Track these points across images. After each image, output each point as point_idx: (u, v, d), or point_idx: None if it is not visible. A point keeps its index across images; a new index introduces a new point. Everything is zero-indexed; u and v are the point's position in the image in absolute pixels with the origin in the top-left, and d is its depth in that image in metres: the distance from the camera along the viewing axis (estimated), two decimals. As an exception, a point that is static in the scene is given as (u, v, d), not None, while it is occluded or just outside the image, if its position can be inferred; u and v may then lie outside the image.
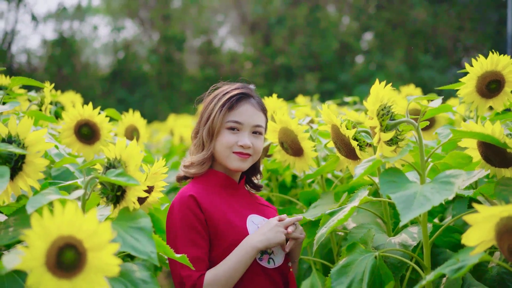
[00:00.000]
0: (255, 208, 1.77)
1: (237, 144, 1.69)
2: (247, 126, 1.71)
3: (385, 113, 1.40)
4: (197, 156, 1.74)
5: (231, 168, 1.71)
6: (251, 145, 1.70)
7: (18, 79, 1.79)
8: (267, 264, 1.65)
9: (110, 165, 1.33)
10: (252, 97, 1.76)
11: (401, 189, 1.29)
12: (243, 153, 1.69)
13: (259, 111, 1.75)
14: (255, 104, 1.75)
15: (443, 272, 1.14)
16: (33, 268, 0.93)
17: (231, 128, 1.70)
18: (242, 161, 1.70)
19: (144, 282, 1.23)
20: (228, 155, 1.70)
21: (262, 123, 1.75)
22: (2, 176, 1.20)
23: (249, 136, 1.71)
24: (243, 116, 1.71)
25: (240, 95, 1.74)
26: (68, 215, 0.96)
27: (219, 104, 1.72)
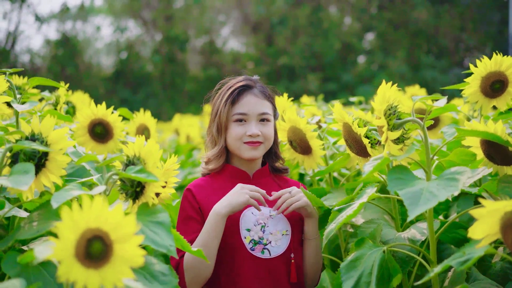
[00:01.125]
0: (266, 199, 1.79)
1: (246, 134, 1.78)
2: (253, 116, 1.79)
3: (392, 112, 1.45)
4: (211, 151, 1.85)
5: (245, 158, 1.79)
6: (260, 133, 1.78)
7: (36, 79, 1.85)
8: (260, 254, 1.71)
9: (129, 162, 1.38)
10: (254, 87, 1.83)
11: (408, 185, 1.34)
12: (253, 142, 1.78)
13: (262, 99, 1.81)
14: (258, 93, 1.82)
15: (450, 265, 1.19)
16: (63, 259, 0.98)
17: (238, 120, 1.79)
18: (254, 150, 1.78)
19: (163, 274, 1.28)
20: (239, 146, 1.79)
21: (268, 110, 1.81)
22: (27, 172, 1.26)
23: (256, 124, 1.78)
24: (247, 107, 1.79)
25: (241, 88, 1.82)
26: (96, 208, 1.01)
27: (223, 100, 1.82)
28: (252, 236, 1.72)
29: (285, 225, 1.76)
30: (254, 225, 1.74)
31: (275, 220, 1.75)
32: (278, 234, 1.74)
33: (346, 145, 1.80)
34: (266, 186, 1.83)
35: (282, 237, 1.74)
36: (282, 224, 1.76)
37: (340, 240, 2.06)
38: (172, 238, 1.29)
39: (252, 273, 1.70)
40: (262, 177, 1.86)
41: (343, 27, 17.64)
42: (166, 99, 16.50)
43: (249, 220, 1.74)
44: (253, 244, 1.71)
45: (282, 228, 1.75)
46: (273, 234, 1.74)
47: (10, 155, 1.35)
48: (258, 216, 1.75)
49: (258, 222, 1.74)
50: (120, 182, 1.40)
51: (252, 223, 1.74)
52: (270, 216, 1.76)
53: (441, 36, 16.09)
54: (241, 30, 18.86)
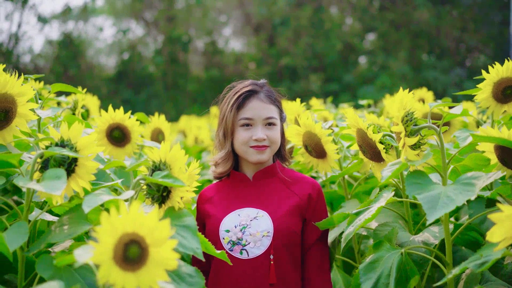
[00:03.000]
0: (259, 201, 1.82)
1: (252, 138, 1.81)
2: (259, 120, 1.82)
3: (409, 119, 1.50)
4: (219, 155, 1.90)
5: (252, 162, 1.84)
6: (266, 137, 1.81)
7: (57, 86, 1.89)
8: (239, 255, 1.74)
9: (155, 168, 1.43)
10: (260, 92, 1.86)
11: (426, 190, 1.39)
12: (259, 146, 1.81)
13: (268, 104, 1.85)
14: (264, 98, 1.85)
15: (468, 267, 1.23)
16: (102, 262, 1.03)
17: (244, 125, 1.83)
18: (260, 154, 1.82)
19: (190, 276, 1.33)
20: (246, 151, 1.83)
21: (274, 114, 1.85)
22: (59, 178, 1.30)
23: (262, 129, 1.82)
24: (253, 112, 1.83)
25: (247, 93, 1.85)
26: (132, 213, 1.06)
27: (229, 105, 1.86)
28: (231, 237, 1.76)
29: (267, 226, 1.76)
30: (234, 226, 1.77)
31: (258, 221, 1.76)
32: (258, 235, 1.75)
33: (360, 150, 1.85)
34: (268, 187, 1.86)
35: (263, 239, 1.74)
36: (264, 225, 1.76)
37: (354, 242, 2.11)
38: (198, 241, 1.34)
39: (231, 274, 1.74)
40: (263, 178, 1.88)
41: (344, 28, 17.68)
42: (168, 100, 16.54)
43: (232, 221, 1.79)
44: (231, 245, 1.76)
45: (263, 229, 1.75)
46: (252, 236, 1.75)
47: (41, 161, 1.39)
48: (242, 217, 1.78)
49: (240, 223, 1.77)
50: (146, 187, 1.44)
51: (234, 224, 1.78)
52: (255, 218, 1.77)
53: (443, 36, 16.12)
54: (243, 30, 18.91)
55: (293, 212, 1.80)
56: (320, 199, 1.86)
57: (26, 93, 1.54)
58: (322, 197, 1.87)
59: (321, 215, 1.85)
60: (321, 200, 1.87)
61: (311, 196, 1.84)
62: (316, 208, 1.84)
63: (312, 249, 1.83)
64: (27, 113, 1.57)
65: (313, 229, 1.83)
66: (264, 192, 1.85)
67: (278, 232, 1.76)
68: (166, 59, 17.56)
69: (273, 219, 1.77)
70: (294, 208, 1.81)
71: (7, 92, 1.51)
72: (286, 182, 1.87)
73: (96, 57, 19.47)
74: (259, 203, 1.82)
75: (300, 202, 1.82)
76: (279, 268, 1.75)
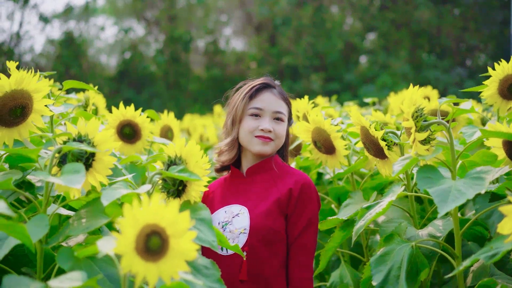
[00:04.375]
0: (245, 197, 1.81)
1: (259, 128, 1.81)
2: (268, 112, 1.83)
3: (419, 115, 1.53)
4: (224, 141, 1.89)
5: (254, 152, 1.82)
6: (272, 129, 1.81)
7: (69, 83, 1.92)
8: (221, 251, 1.76)
9: (171, 162, 1.46)
10: (274, 87, 1.89)
11: (437, 184, 1.42)
12: (264, 136, 1.81)
13: (280, 99, 1.86)
14: (276, 93, 1.87)
15: (479, 258, 1.26)
16: (125, 253, 1.05)
17: (252, 114, 1.83)
18: (264, 145, 1.81)
19: (206, 268, 1.36)
20: (250, 140, 1.82)
21: (283, 110, 1.85)
22: (78, 172, 1.33)
23: (270, 121, 1.82)
24: (264, 103, 1.84)
25: (261, 85, 1.88)
26: (154, 205, 1.08)
27: (242, 95, 1.88)
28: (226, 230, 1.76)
29: (245, 223, 1.74)
30: (218, 222, 1.78)
31: (239, 218, 1.76)
32: (236, 232, 1.74)
33: (364, 147, 1.88)
34: (257, 183, 1.83)
35: (240, 236, 1.73)
36: (242, 222, 1.75)
37: (362, 237, 2.14)
38: (214, 234, 1.37)
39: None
40: (257, 174, 1.85)
41: (345, 27, 17.71)
42: (170, 99, 16.57)
43: (218, 218, 1.79)
44: None
45: (241, 226, 1.74)
46: (231, 232, 1.74)
47: (59, 156, 1.42)
48: (227, 214, 1.79)
49: (224, 220, 1.78)
50: (162, 182, 1.47)
51: (218, 221, 1.79)
52: (237, 215, 1.77)
53: (443, 36, 16.14)
54: (244, 30, 18.93)
55: (272, 208, 1.76)
56: (303, 194, 1.77)
57: (42, 89, 1.57)
58: (306, 192, 1.78)
59: (302, 211, 1.77)
60: (304, 195, 1.77)
61: (292, 191, 1.77)
62: (297, 204, 1.77)
63: (293, 245, 1.76)
64: (42, 109, 1.60)
65: (294, 225, 1.76)
66: (252, 188, 1.83)
67: (253, 229, 1.73)
68: (168, 59, 17.58)
69: (251, 216, 1.75)
70: (273, 204, 1.76)
71: (23, 88, 1.54)
72: (275, 177, 1.83)
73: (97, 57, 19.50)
74: (244, 199, 1.81)
75: (280, 198, 1.77)
76: (253, 266, 1.72)
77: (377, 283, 1.47)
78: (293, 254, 1.76)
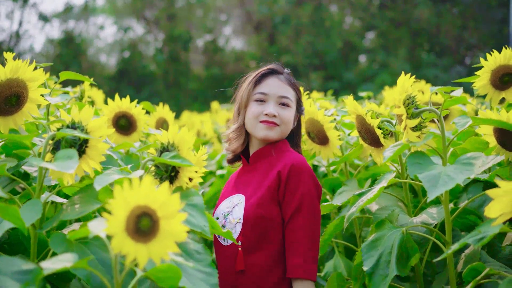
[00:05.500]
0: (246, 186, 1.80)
1: (263, 113, 1.78)
2: (273, 97, 1.80)
3: (410, 102, 1.54)
4: (231, 129, 1.89)
5: (258, 137, 1.79)
6: (277, 114, 1.77)
7: (65, 74, 1.93)
8: (223, 241, 1.76)
9: (163, 149, 1.47)
10: (281, 73, 1.86)
11: (427, 169, 1.43)
12: (268, 121, 1.77)
13: (286, 85, 1.83)
14: (283, 79, 1.84)
15: (467, 242, 1.28)
16: (115, 233, 1.07)
17: (258, 100, 1.81)
18: (269, 129, 1.77)
19: (197, 252, 1.37)
20: (255, 125, 1.79)
21: (289, 95, 1.81)
22: (71, 157, 1.34)
23: (275, 106, 1.79)
24: (269, 88, 1.81)
25: (267, 70, 1.86)
26: (144, 187, 1.10)
27: (248, 80, 1.87)
28: (219, 223, 1.77)
29: (240, 213, 1.73)
30: (222, 213, 1.79)
31: (238, 208, 1.74)
32: (234, 222, 1.73)
33: (359, 136, 1.89)
34: (259, 171, 1.80)
35: (236, 226, 1.72)
36: (239, 212, 1.73)
37: (355, 227, 2.15)
38: (206, 219, 1.38)
39: (218, 258, 1.77)
40: (257, 161, 1.82)
41: (344, 26, 17.73)
42: (170, 98, 16.57)
43: (222, 208, 1.80)
44: None
45: (237, 216, 1.73)
46: (230, 223, 1.74)
47: (52, 143, 1.43)
48: (229, 204, 1.78)
49: (226, 210, 1.78)
50: (154, 168, 1.49)
51: (222, 211, 1.79)
52: (237, 205, 1.76)
53: (443, 34, 16.16)
54: (243, 29, 18.95)
55: (265, 195, 1.72)
56: (292, 175, 1.70)
57: (37, 79, 1.59)
58: (294, 173, 1.70)
59: (292, 194, 1.69)
60: (293, 177, 1.70)
61: (280, 174, 1.72)
62: (286, 187, 1.71)
63: (286, 231, 1.70)
64: (38, 98, 1.61)
65: (285, 210, 1.70)
66: (253, 176, 1.80)
67: (246, 219, 1.71)
68: (167, 58, 17.60)
69: (245, 205, 1.73)
70: (266, 191, 1.72)
71: (18, 77, 1.55)
72: (272, 163, 1.78)
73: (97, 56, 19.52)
74: (245, 188, 1.79)
75: (270, 184, 1.73)
76: (249, 255, 1.70)
77: (368, 268, 1.49)
78: (286, 240, 1.69)
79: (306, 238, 1.66)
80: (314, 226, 1.68)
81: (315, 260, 1.66)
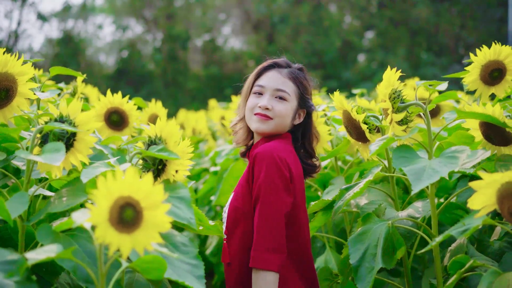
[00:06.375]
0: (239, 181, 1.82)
1: (257, 105, 1.78)
2: (269, 89, 1.78)
3: (396, 96, 1.55)
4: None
5: (252, 129, 1.80)
6: (270, 107, 1.75)
7: (56, 69, 1.94)
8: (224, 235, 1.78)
9: (151, 142, 1.48)
10: (283, 68, 1.84)
11: (412, 163, 1.44)
12: (261, 114, 1.76)
13: (286, 78, 1.80)
14: (284, 73, 1.81)
15: (451, 234, 1.29)
16: (99, 223, 1.08)
17: (256, 92, 1.81)
18: (261, 122, 1.76)
19: (183, 245, 1.38)
20: (250, 117, 1.80)
21: (287, 89, 1.78)
22: (58, 150, 1.35)
23: (269, 99, 1.77)
24: (266, 80, 1.80)
25: (269, 63, 1.86)
26: (128, 178, 1.11)
27: (251, 75, 1.88)
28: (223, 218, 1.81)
29: (227, 208, 1.77)
30: (224, 208, 1.82)
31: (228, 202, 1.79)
32: (225, 216, 1.78)
33: (346, 131, 1.91)
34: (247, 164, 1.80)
35: (225, 219, 1.77)
36: (227, 207, 1.79)
37: (346, 223, 2.16)
38: (193, 211, 1.39)
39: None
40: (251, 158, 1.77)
41: (343, 25, 17.74)
42: (168, 97, 16.58)
43: (227, 203, 1.82)
44: None
45: (226, 210, 1.78)
46: (224, 217, 1.79)
47: (40, 136, 1.44)
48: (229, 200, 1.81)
49: (226, 204, 1.81)
50: (142, 161, 1.50)
51: (226, 206, 1.82)
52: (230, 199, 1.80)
53: (441, 34, 16.18)
54: (242, 28, 18.95)
55: (243, 187, 1.73)
56: (255, 164, 1.68)
57: (27, 73, 1.59)
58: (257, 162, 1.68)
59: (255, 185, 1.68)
60: (256, 166, 1.68)
61: (250, 164, 1.72)
62: (253, 177, 1.69)
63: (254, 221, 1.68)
64: (27, 92, 1.62)
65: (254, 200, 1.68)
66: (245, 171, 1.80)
67: (229, 212, 1.75)
68: (166, 57, 17.61)
69: (231, 199, 1.78)
70: (242, 182, 1.74)
71: (7, 71, 1.56)
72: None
73: (95, 55, 19.53)
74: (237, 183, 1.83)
75: (244, 175, 1.75)
76: (231, 248, 1.72)
77: (355, 261, 1.50)
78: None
79: (261, 228, 1.63)
80: (271, 216, 1.64)
81: (272, 250, 1.61)
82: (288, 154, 1.72)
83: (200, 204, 3.20)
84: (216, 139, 4.02)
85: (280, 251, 1.61)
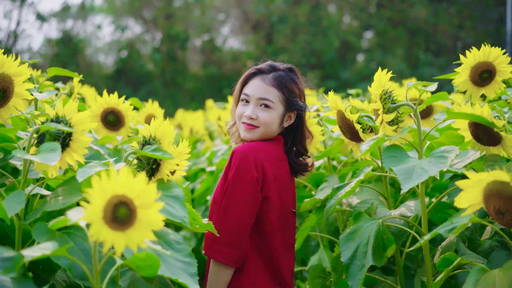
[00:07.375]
0: None
1: (243, 115, 1.84)
2: (253, 98, 1.84)
3: (387, 97, 1.58)
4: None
5: (241, 137, 1.88)
6: (255, 116, 1.81)
7: (54, 70, 1.97)
8: None
9: (145, 142, 1.51)
10: (268, 74, 1.86)
11: (402, 162, 1.47)
12: (247, 123, 1.83)
13: (269, 86, 1.83)
14: (267, 79, 1.84)
15: (439, 232, 1.31)
16: (93, 221, 1.10)
17: (243, 100, 1.87)
18: (247, 132, 1.83)
19: (177, 243, 1.41)
20: (239, 125, 1.88)
21: (270, 96, 1.82)
22: (54, 150, 1.38)
23: (254, 108, 1.83)
24: (251, 89, 1.85)
25: (254, 70, 1.90)
26: (122, 177, 1.13)
27: (239, 81, 1.93)
28: None
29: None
30: None
31: None
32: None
33: (340, 131, 1.93)
34: None
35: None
36: None
37: (339, 222, 2.19)
38: (186, 210, 1.42)
39: None
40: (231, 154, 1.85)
41: (342, 26, 17.77)
42: (167, 97, 16.61)
43: None
44: None
45: None
46: None
47: (37, 136, 1.47)
48: None
49: None
50: (137, 161, 1.52)
51: None
52: None
53: (440, 34, 16.22)
54: (241, 28, 18.99)
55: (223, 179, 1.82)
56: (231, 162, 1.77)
57: (23, 73, 1.62)
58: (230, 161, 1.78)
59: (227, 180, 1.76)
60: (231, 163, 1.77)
61: (229, 160, 1.80)
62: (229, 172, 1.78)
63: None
64: (24, 92, 1.64)
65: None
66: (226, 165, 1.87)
67: (211, 203, 1.84)
68: (165, 57, 17.63)
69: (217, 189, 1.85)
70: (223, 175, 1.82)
71: (4, 72, 1.59)
72: None
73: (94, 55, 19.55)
74: None
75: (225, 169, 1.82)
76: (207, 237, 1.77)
77: (346, 259, 1.52)
78: None
79: (221, 222, 1.73)
80: (232, 210, 1.73)
81: (227, 243, 1.70)
82: (266, 155, 1.78)
83: (197, 204, 3.23)
84: (213, 139, 4.05)
85: (236, 247, 1.70)
